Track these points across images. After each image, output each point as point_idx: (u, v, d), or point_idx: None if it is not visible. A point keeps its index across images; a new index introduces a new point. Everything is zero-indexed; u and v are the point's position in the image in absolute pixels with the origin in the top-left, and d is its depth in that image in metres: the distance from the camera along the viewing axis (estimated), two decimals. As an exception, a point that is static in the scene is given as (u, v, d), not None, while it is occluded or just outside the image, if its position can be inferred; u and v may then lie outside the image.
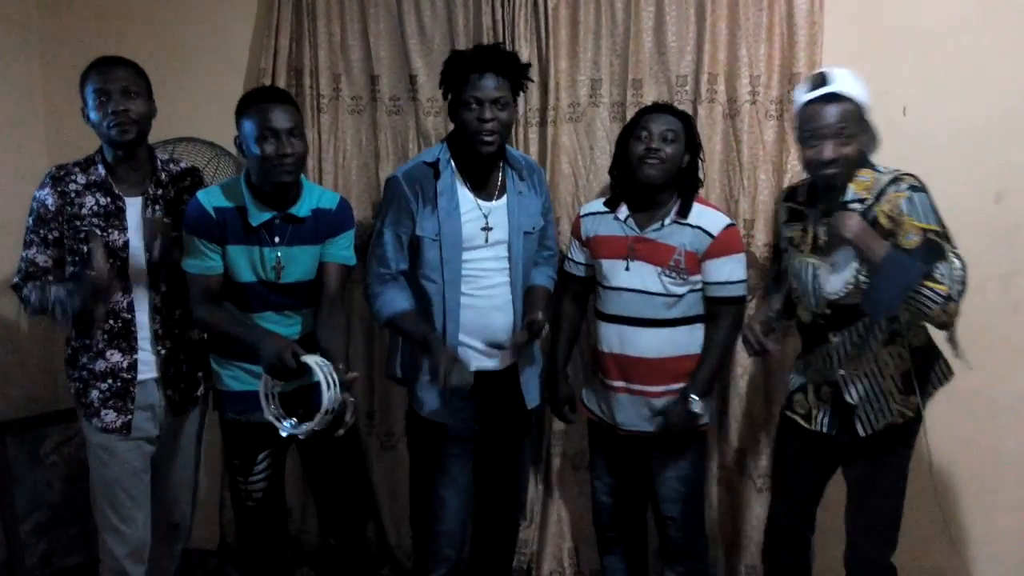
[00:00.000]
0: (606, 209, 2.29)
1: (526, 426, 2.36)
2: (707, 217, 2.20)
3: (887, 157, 2.03)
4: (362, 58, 2.71)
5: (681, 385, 2.22)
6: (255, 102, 2.07)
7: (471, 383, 1.97)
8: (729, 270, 2.20)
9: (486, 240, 2.15)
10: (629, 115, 2.56)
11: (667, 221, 2.20)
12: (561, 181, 2.62)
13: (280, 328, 2.16)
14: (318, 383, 1.94)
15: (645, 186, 2.18)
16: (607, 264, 2.25)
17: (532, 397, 2.27)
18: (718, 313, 2.22)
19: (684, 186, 2.22)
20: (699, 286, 2.21)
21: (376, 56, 2.70)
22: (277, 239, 2.12)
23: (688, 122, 2.22)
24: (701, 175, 2.32)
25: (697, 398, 2.18)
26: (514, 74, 2.11)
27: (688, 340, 2.23)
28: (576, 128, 2.62)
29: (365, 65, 2.72)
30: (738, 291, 2.22)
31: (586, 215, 2.34)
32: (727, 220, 2.23)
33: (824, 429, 2.10)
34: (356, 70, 2.72)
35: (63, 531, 2.85)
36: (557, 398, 2.39)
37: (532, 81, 2.39)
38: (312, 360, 1.98)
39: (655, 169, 2.15)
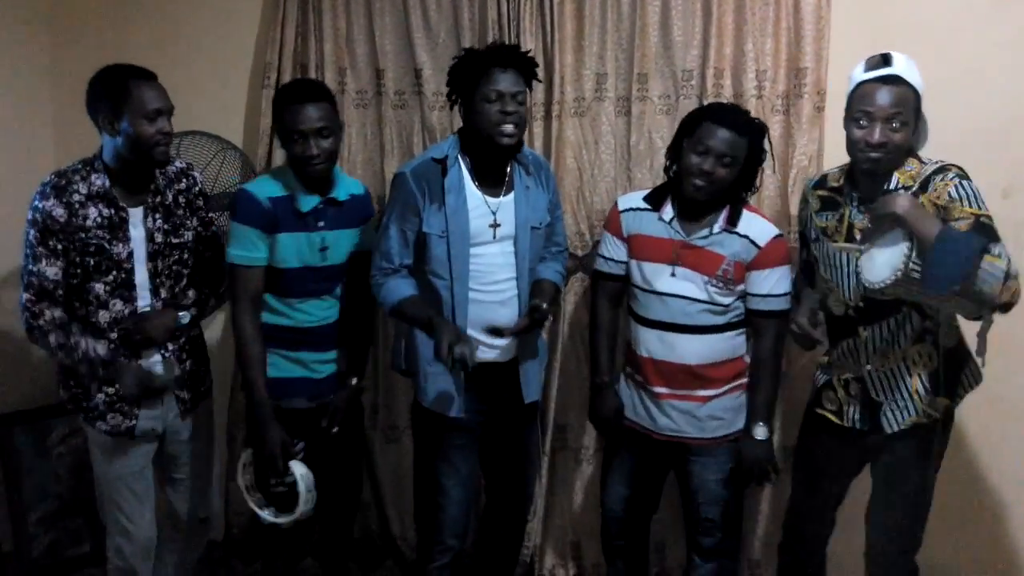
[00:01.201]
0: (648, 206, 2.19)
1: (529, 419, 2.36)
2: (756, 226, 2.12)
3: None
4: (367, 52, 2.72)
5: (725, 389, 2.18)
6: (289, 101, 2.13)
7: (475, 358, 1.97)
8: (773, 282, 2.11)
9: (493, 236, 2.15)
10: (634, 109, 2.57)
11: (716, 229, 2.11)
12: (566, 175, 2.61)
13: (319, 312, 2.25)
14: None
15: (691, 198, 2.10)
16: (650, 268, 2.16)
17: (531, 391, 2.26)
18: (761, 328, 2.15)
19: (735, 193, 2.12)
20: (742, 294, 2.15)
21: (381, 50, 2.70)
22: (322, 223, 2.20)
23: (755, 137, 2.07)
24: (758, 182, 2.21)
25: (762, 425, 2.15)
26: (529, 74, 2.11)
27: (731, 346, 2.17)
28: (581, 122, 2.61)
29: (370, 59, 2.72)
30: (781, 304, 2.13)
31: (626, 210, 2.21)
32: (775, 231, 2.14)
33: (857, 424, 2.06)
34: (361, 64, 2.73)
35: (70, 521, 2.87)
36: (601, 411, 2.28)
37: (540, 82, 2.39)
38: (297, 473, 2.14)
39: (702, 191, 2.06)
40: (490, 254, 2.16)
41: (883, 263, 1.84)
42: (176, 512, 2.33)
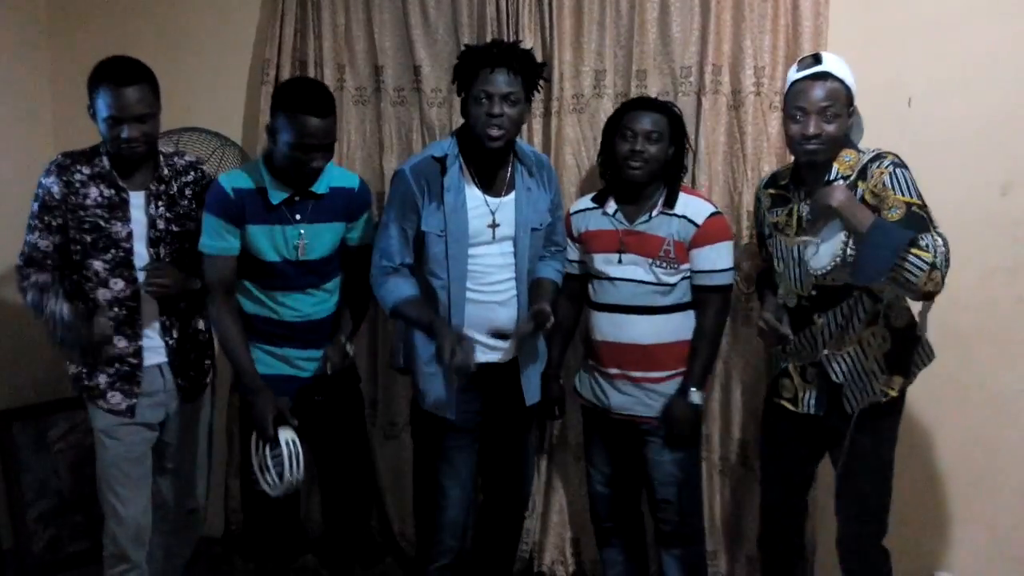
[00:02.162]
0: (594, 205, 2.33)
1: (529, 420, 2.36)
2: (692, 206, 2.24)
3: (892, 149, 2.02)
4: (366, 49, 2.72)
5: (677, 371, 2.25)
6: (293, 109, 2.07)
7: (474, 364, 1.97)
8: (714, 258, 2.23)
9: (493, 236, 2.15)
10: (634, 106, 2.57)
11: (654, 213, 2.24)
12: (565, 172, 2.61)
13: (304, 307, 2.24)
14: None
15: (630, 183, 2.23)
16: (599, 258, 2.29)
17: (532, 394, 2.27)
18: (705, 301, 2.25)
19: (669, 176, 2.26)
20: (689, 274, 2.25)
21: (380, 47, 2.70)
22: (299, 217, 2.19)
23: (672, 116, 2.24)
24: (688, 164, 2.35)
25: (696, 390, 2.23)
26: (528, 72, 2.09)
27: (681, 326, 2.26)
28: (580, 119, 2.61)
29: (369, 56, 2.72)
30: (723, 279, 2.25)
31: (575, 212, 2.37)
32: (712, 208, 2.26)
33: (811, 410, 2.12)
34: (360, 61, 2.73)
35: (69, 518, 2.88)
36: (548, 397, 2.42)
37: (547, 80, 2.37)
38: (283, 439, 2.08)
39: (639, 171, 2.19)
40: (489, 254, 2.15)
41: (824, 251, 1.97)
42: (165, 502, 2.34)
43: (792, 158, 2.13)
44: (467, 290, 2.14)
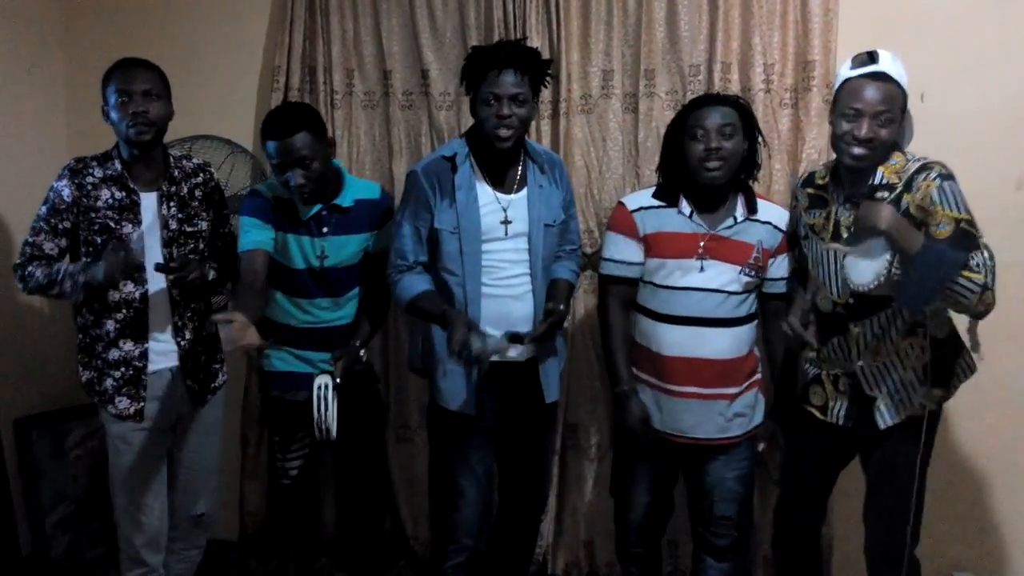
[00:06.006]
0: (661, 203, 2.15)
1: (547, 419, 2.36)
2: (774, 212, 2.15)
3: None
4: (375, 53, 2.73)
5: (748, 383, 2.18)
6: (272, 134, 2.15)
7: (488, 353, 1.97)
8: (788, 265, 2.18)
9: (506, 233, 2.15)
10: (642, 106, 2.56)
11: (739, 217, 2.11)
12: (574, 174, 2.61)
13: (325, 314, 2.33)
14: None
15: (709, 186, 2.08)
16: (675, 264, 2.11)
17: (551, 392, 2.26)
18: (775, 310, 2.17)
19: (741, 180, 2.13)
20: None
21: (388, 51, 2.71)
22: (325, 229, 2.27)
23: (744, 109, 2.10)
24: (759, 160, 2.18)
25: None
26: (534, 70, 2.10)
27: (751, 337, 2.18)
28: (588, 120, 2.61)
29: (378, 60, 2.73)
30: (790, 285, 2.20)
31: (638, 210, 2.16)
32: (788, 214, 2.19)
33: (840, 421, 2.07)
34: (369, 66, 2.74)
35: (87, 524, 2.90)
36: (629, 422, 2.17)
37: (553, 77, 2.37)
38: (317, 382, 2.18)
39: (720, 170, 2.04)
40: (503, 250, 2.16)
41: (867, 267, 1.90)
42: (173, 508, 2.33)
43: (819, 158, 2.07)
44: (482, 285, 2.15)
